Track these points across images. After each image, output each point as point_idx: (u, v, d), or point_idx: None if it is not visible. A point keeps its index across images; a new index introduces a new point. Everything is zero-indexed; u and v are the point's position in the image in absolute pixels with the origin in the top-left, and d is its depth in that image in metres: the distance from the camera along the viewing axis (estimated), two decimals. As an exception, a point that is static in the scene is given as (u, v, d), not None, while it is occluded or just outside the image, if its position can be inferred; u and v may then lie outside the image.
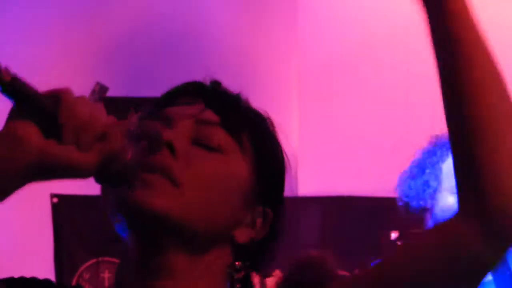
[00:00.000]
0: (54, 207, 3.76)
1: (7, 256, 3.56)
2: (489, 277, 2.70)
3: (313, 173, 3.83)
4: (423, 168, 2.75)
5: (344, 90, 3.93)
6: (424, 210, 2.78)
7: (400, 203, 2.80)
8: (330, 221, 3.83)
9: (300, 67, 3.92)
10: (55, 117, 0.89)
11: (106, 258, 3.80)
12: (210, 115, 1.08)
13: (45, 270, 3.65)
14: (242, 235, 1.07)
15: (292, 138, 4.19)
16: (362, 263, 2.70)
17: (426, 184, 2.73)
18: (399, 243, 3.34)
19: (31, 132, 0.89)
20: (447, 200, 2.69)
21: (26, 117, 0.89)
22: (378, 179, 3.79)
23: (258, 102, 1.13)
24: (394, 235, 3.34)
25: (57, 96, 0.90)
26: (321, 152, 3.81)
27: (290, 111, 3.81)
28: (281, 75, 3.79)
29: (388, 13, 3.98)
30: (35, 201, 3.57)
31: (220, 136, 1.06)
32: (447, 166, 2.68)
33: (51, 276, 3.55)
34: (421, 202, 2.74)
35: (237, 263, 1.07)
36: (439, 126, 2.97)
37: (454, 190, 2.86)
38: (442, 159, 2.72)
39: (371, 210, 3.73)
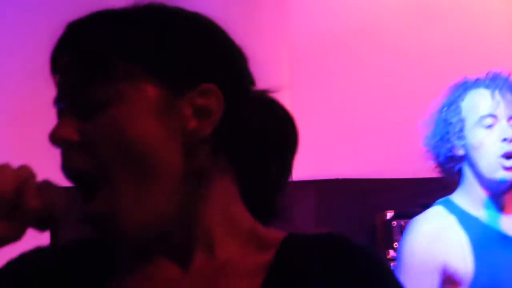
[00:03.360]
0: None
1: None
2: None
3: (306, 157, 3.82)
4: (440, 110, 2.47)
5: (336, 73, 3.93)
6: (458, 160, 2.44)
7: (435, 164, 2.49)
8: (325, 203, 3.84)
9: (290, 50, 3.91)
10: None
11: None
12: (69, 79, 0.98)
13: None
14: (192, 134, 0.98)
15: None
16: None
17: (446, 122, 2.43)
18: (394, 223, 3.35)
19: None
20: (476, 135, 2.39)
21: None
22: (372, 161, 3.79)
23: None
24: (389, 215, 3.35)
25: None
26: (314, 137, 3.80)
27: (281, 96, 3.80)
28: (272, 59, 3.79)
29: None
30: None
31: (91, 90, 0.96)
32: (467, 103, 2.42)
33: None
34: (449, 146, 2.43)
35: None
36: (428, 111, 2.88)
37: (481, 122, 2.37)
38: (461, 98, 2.44)
39: (365, 192, 3.74)
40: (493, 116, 2.38)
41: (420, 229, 2.37)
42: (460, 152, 2.42)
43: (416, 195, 3.56)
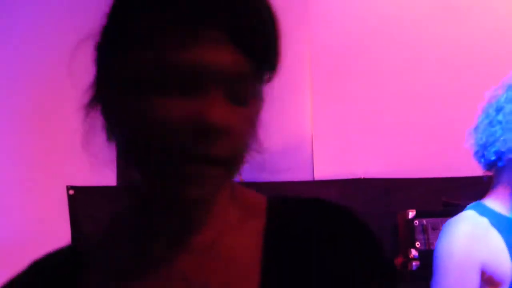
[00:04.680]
0: (71, 198, 3.78)
1: (26, 249, 3.58)
2: None
3: (328, 157, 3.83)
4: (485, 114, 2.38)
5: (358, 72, 3.92)
6: (497, 165, 2.37)
7: (482, 167, 2.41)
8: (347, 203, 3.83)
9: (312, 50, 3.91)
10: None
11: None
12: (239, 61, 0.95)
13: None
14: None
15: (305, 124, 4.19)
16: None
17: (488, 132, 2.34)
18: (416, 222, 3.33)
19: None
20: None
21: None
22: (393, 160, 3.78)
23: (270, 88, 1.12)
24: (411, 214, 3.34)
25: None
26: (336, 136, 3.80)
27: (303, 96, 3.81)
28: (294, 60, 3.79)
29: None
30: (51, 193, 3.58)
31: (249, 90, 0.98)
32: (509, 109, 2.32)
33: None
34: (489, 153, 2.33)
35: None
36: (450, 110, 2.83)
37: None
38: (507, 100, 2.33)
39: (387, 191, 3.73)
40: None
41: (457, 230, 2.33)
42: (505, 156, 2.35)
43: (438, 194, 3.55)
